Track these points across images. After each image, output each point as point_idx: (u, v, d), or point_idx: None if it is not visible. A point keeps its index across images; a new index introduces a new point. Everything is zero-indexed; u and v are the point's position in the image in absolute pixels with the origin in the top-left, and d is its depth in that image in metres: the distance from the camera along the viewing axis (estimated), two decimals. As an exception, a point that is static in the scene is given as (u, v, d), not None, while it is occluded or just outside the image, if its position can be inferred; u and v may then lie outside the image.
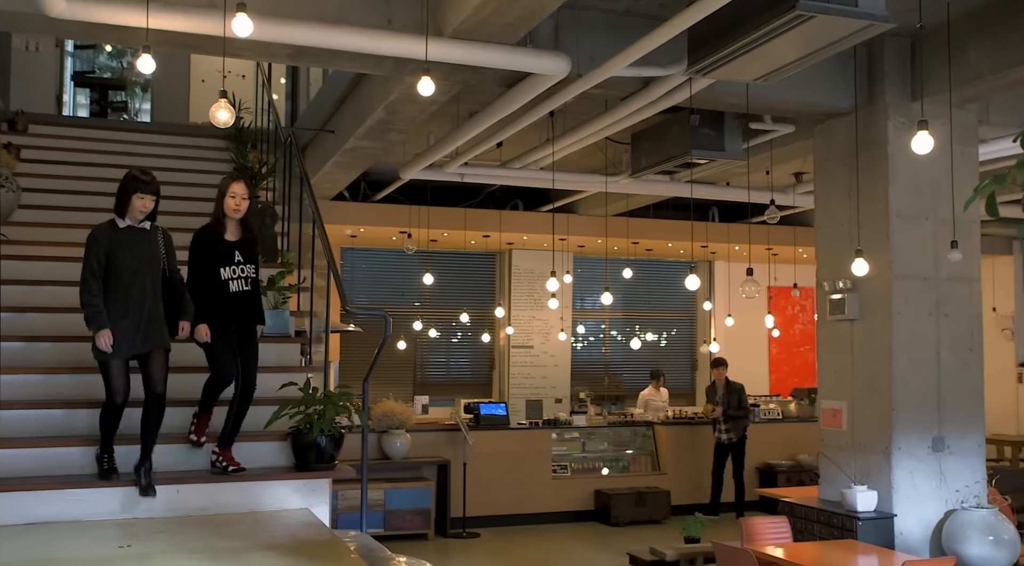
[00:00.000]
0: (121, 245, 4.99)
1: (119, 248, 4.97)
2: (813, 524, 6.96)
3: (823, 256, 7.53)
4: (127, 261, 4.98)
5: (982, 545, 6.39)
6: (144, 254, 5.05)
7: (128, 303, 4.94)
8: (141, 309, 4.97)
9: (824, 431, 7.44)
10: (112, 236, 5.00)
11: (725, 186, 10.78)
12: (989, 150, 7.77)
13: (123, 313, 4.92)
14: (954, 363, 6.97)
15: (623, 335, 14.78)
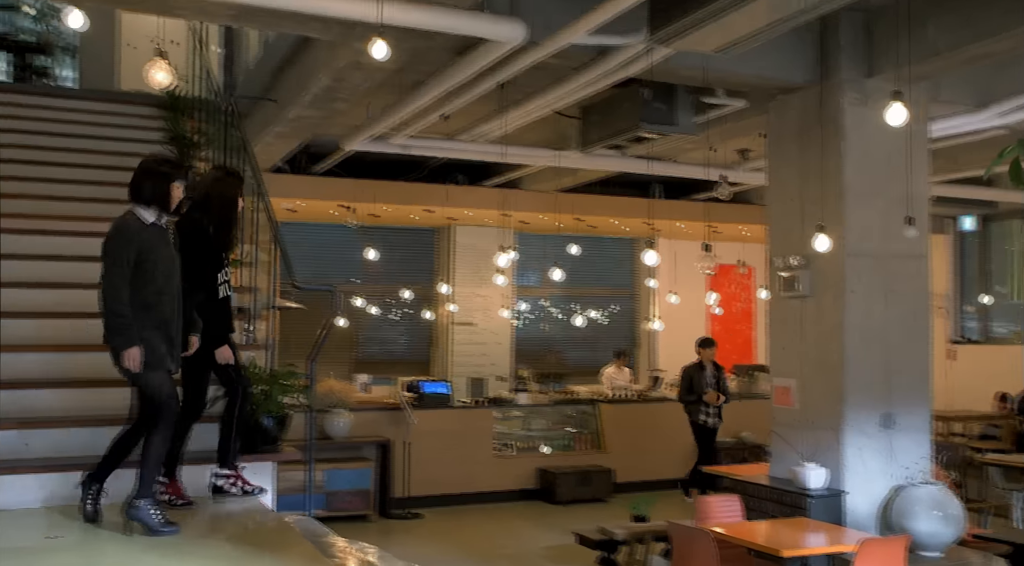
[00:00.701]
0: (151, 245, 4.33)
1: (149, 248, 4.31)
2: (764, 502, 6.93)
3: (775, 233, 7.48)
4: (159, 263, 4.34)
5: (930, 521, 6.42)
6: (168, 255, 4.43)
7: (160, 314, 4.32)
8: (172, 321, 4.38)
9: (775, 409, 7.41)
10: (141, 234, 4.32)
11: (673, 162, 10.67)
12: (939, 128, 7.79)
13: (155, 325, 4.30)
14: (903, 340, 6.98)
15: (565, 313, 14.68)
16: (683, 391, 10.90)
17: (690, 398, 10.77)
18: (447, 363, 13.28)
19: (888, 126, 6.90)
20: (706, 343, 11.23)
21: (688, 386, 10.80)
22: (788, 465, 7.04)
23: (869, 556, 5.20)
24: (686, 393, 10.83)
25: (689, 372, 10.89)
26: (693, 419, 10.81)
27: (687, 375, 10.90)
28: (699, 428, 10.79)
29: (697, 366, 10.88)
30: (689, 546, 5.59)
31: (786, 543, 5.68)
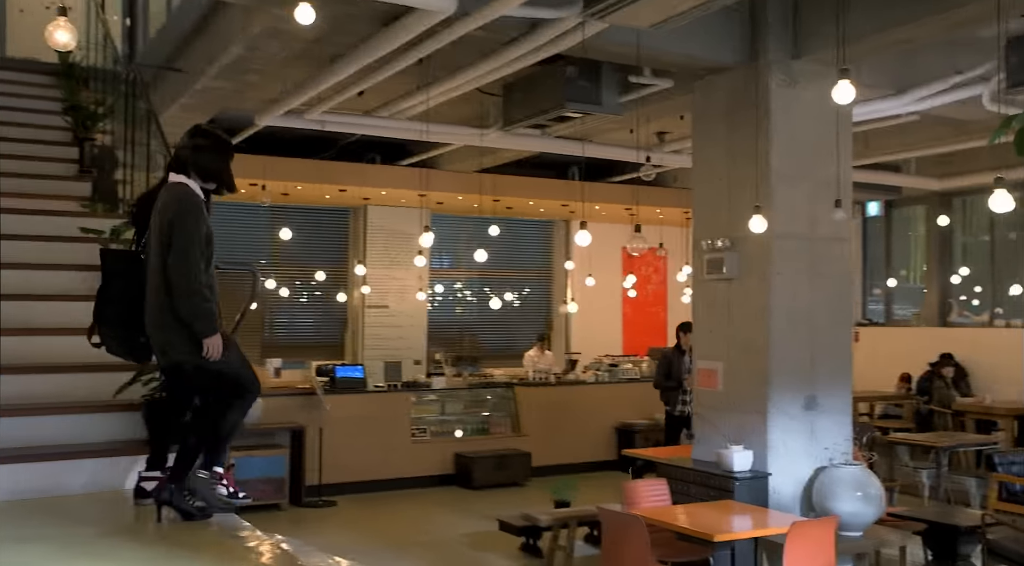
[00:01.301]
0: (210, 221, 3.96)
1: (209, 224, 3.93)
2: (690, 485, 6.89)
3: (700, 215, 7.42)
4: (215, 243, 3.97)
5: (852, 501, 6.46)
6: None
7: (216, 295, 3.96)
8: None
9: (699, 391, 7.38)
10: (205, 208, 3.96)
11: (601, 144, 10.54)
12: (859, 112, 7.84)
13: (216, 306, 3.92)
14: (826, 322, 7.01)
15: (479, 295, 14.50)
16: (660, 377, 10.17)
17: (669, 384, 10.02)
18: (360, 346, 12.97)
19: (815, 108, 6.94)
20: (688, 327, 10.32)
21: (667, 372, 10.05)
22: (713, 448, 7.02)
23: (800, 538, 5.19)
24: (664, 379, 10.08)
25: (668, 357, 10.18)
26: (669, 407, 10.06)
27: (666, 360, 10.16)
28: (674, 416, 9.99)
29: (676, 350, 10.10)
30: (621, 532, 5.49)
31: (717, 527, 5.63)
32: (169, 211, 3.83)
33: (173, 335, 3.87)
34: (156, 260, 3.88)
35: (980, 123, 9.53)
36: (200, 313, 3.82)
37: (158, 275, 3.86)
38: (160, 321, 3.89)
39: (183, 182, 3.94)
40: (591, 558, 7.69)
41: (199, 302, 3.81)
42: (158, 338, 3.96)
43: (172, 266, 3.79)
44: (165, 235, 3.82)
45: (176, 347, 3.88)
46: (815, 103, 6.93)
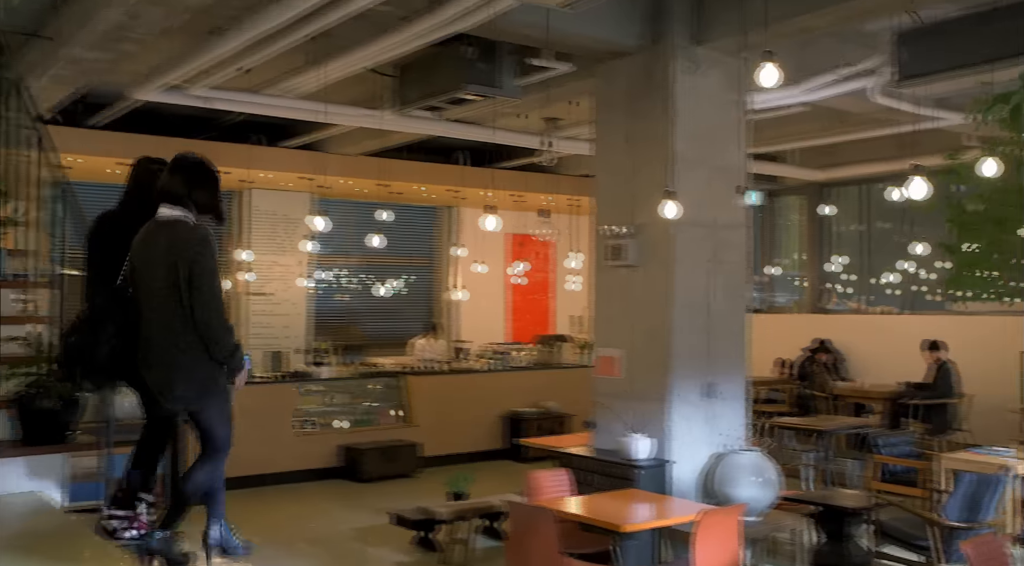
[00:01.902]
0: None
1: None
2: (592, 475, 6.82)
3: (602, 201, 7.34)
4: None
5: (750, 486, 6.53)
6: None
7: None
8: None
9: (599, 379, 7.32)
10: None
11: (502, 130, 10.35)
12: (755, 101, 7.90)
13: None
14: (725, 310, 7.05)
15: (364, 283, 14.14)
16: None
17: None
18: (244, 336, 12.42)
19: (716, 95, 6.95)
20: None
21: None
22: (614, 436, 6.98)
23: (709, 526, 5.16)
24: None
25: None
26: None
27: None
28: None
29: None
30: (528, 524, 5.35)
31: (625, 517, 5.57)
32: (191, 250, 3.82)
33: (180, 375, 3.87)
34: (164, 297, 3.85)
35: (860, 115, 9.82)
36: (234, 350, 3.92)
37: (167, 312, 3.85)
38: (166, 360, 3.86)
39: (187, 218, 3.94)
40: (489, 550, 7.55)
41: (231, 339, 3.91)
42: (159, 377, 3.91)
43: (204, 306, 3.81)
44: (185, 273, 3.80)
45: (180, 388, 3.88)
46: (716, 90, 6.95)
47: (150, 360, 3.90)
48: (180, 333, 3.81)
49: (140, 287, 3.98)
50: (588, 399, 12.36)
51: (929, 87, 7.90)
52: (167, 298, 3.82)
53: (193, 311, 3.80)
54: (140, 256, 3.96)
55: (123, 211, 4.28)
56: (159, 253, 3.87)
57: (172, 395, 3.89)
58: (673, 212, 6.10)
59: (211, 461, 4.00)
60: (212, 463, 4.01)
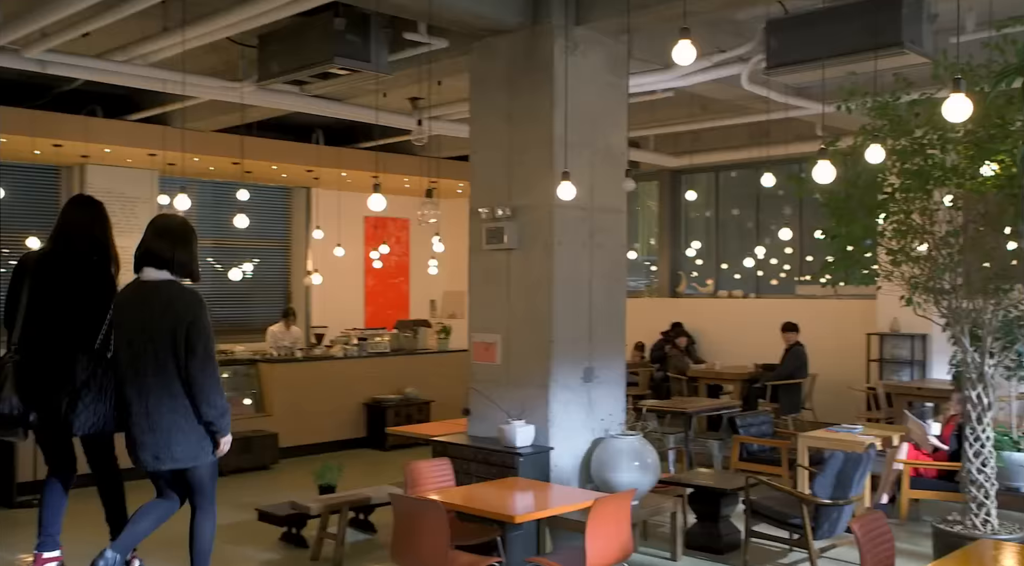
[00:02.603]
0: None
1: None
2: (470, 463, 6.64)
3: (479, 183, 7.14)
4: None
5: (631, 471, 6.51)
6: None
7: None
8: None
9: (475, 365, 7.14)
10: None
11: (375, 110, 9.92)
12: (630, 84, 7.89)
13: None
14: (603, 294, 7.00)
15: (214, 267, 13.43)
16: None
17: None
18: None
19: (595, 76, 6.87)
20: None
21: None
22: (491, 424, 6.83)
23: (602, 513, 5.08)
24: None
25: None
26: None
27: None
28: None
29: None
30: (417, 518, 5.11)
31: (517, 507, 5.42)
32: (190, 313, 4.02)
33: (178, 437, 4.05)
34: (163, 360, 3.98)
35: (723, 102, 10.01)
36: (226, 412, 4.16)
37: (165, 375, 3.98)
38: (166, 423, 4.00)
39: (176, 280, 4.14)
40: (362, 544, 7.26)
41: (223, 401, 4.12)
42: (155, 440, 4.06)
43: (201, 368, 4.01)
44: (183, 335, 3.98)
45: (179, 449, 4.10)
46: (598, 71, 6.87)
47: (149, 423, 3.97)
48: (179, 395, 3.93)
49: (129, 349, 4.05)
50: (449, 385, 12.28)
51: (789, 77, 8.10)
52: (165, 361, 3.92)
53: (190, 372, 3.93)
54: (131, 319, 4.04)
55: (53, 250, 4.47)
56: (155, 316, 3.96)
57: (171, 456, 4.05)
58: (569, 194, 5.96)
59: (211, 515, 4.50)
60: (212, 516, 4.52)
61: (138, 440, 4.10)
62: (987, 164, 5.65)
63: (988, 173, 5.66)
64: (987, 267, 5.72)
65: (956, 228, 5.84)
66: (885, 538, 4.63)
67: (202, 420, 4.06)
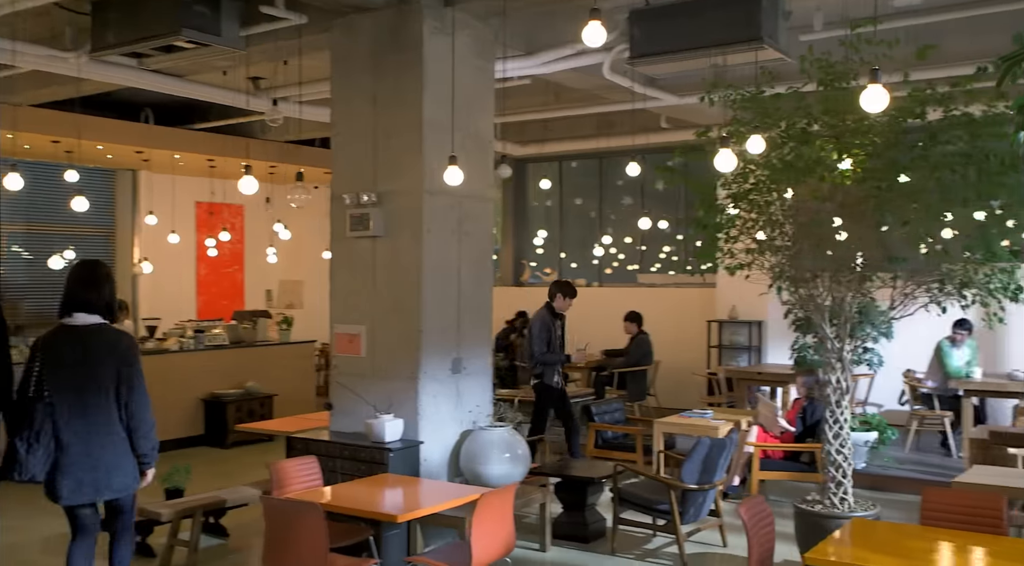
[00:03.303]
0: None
1: None
2: (336, 460, 6.34)
3: (342, 167, 6.82)
4: None
5: (502, 463, 6.40)
6: None
7: None
8: None
9: (338, 358, 6.83)
10: None
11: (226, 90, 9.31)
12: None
13: None
14: (471, 282, 6.85)
15: (33, 254, 12.36)
16: (542, 346, 8.64)
17: (552, 357, 8.71)
18: None
19: (464, 59, 6.69)
20: (568, 289, 8.90)
21: (548, 340, 8.66)
22: (356, 419, 6.57)
23: (487, 508, 4.94)
24: (546, 348, 8.63)
25: (548, 323, 8.72)
26: (545, 380, 8.76)
27: (545, 326, 8.67)
28: (552, 393, 8.83)
29: (551, 314, 8.80)
30: (292, 521, 4.80)
31: (399, 506, 5.21)
32: (129, 354, 4.38)
33: (120, 471, 4.39)
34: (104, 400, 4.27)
35: (579, 91, 10.06)
36: (156, 446, 4.55)
37: (106, 414, 4.29)
38: (108, 458, 4.29)
39: (105, 323, 4.38)
40: (214, 550, 6.83)
41: (155, 435, 4.52)
42: (95, 476, 4.30)
43: (139, 404, 4.42)
44: (126, 375, 4.33)
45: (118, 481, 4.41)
46: (465, 54, 6.69)
47: (92, 461, 4.22)
48: (118, 432, 4.23)
49: (66, 392, 4.26)
50: (293, 378, 11.82)
51: (650, 68, 8.20)
52: (106, 400, 4.21)
53: (131, 409, 4.29)
54: (68, 363, 4.26)
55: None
56: (94, 358, 4.22)
57: (110, 489, 4.32)
58: (458, 178, 5.75)
59: (129, 541, 4.78)
60: (130, 541, 4.80)
61: (77, 478, 4.35)
62: (844, 157, 5.85)
63: (845, 166, 5.88)
64: (847, 255, 5.92)
65: (816, 219, 6.01)
66: (768, 521, 4.72)
67: (136, 452, 4.37)
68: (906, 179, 5.63)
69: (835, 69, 5.80)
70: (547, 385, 8.74)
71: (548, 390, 8.76)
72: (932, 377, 9.69)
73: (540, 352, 8.64)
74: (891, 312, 5.87)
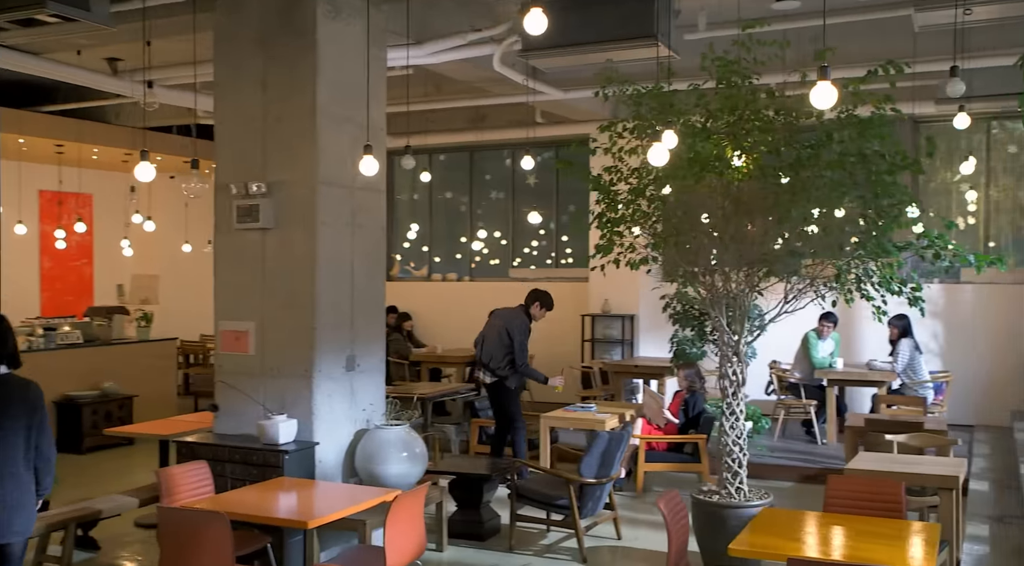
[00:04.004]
0: None
1: None
2: (226, 465, 6.00)
3: (227, 155, 6.45)
4: None
5: (400, 462, 6.21)
6: None
7: None
8: None
9: (222, 357, 6.46)
10: None
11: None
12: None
13: None
14: (365, 277, 6.62)
15: None
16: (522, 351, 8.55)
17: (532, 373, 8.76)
18: None
19: (356, 46, 6.47)
20: (546, 300, 8.75)
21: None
22: (244, 420, 6.25)
23: (401, 510, 4.77)
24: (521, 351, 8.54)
25: (528, 330, 8.69)
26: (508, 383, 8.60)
27: (527, 334, 8.64)
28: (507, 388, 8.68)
29: (527, 317, 8.69)
30: (195, 532, 4.49)
31: (309, 511, 4.97)
32: (39, 399, 4.37)
33: (24, 512, 4.31)
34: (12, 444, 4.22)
35: (461, 83, 9.93)
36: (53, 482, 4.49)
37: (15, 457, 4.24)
38: (15, 498, 4.25)
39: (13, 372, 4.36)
40: (85, 564, 6.36)
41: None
42: (7, 516, 4.24)
43: (49, 444, 4.38)
44: (36, 422, 4.31)
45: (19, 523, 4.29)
46: (358, 40, 6.46)
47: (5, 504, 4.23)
48: (25, 473, 4.26)
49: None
50: (154, 378, 11.21)
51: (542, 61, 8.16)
52: (15, 444, 4.22)
53: (42, 451, 4.32)
54: None
55: None
56: (11, 405, 4.23)
57: (11, 530, 4.24)
58: (372, 168, 5.52)
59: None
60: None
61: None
62: (739, 154, 5.98)
63: (738, 164, 6.00)
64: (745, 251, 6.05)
65: (714, 214, 6.12)
66: (683, 514, 4.76)
67: (40, 487, 4.37)
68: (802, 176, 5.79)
69: (735, 67, 5.90)
70: (506, 388, 8.61)
71: (506, 392, 8.62)
72: (799, 368, 10.11)
73: (522, 363, 8.55)
74: (785, 306, 6.04)
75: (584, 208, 12.78)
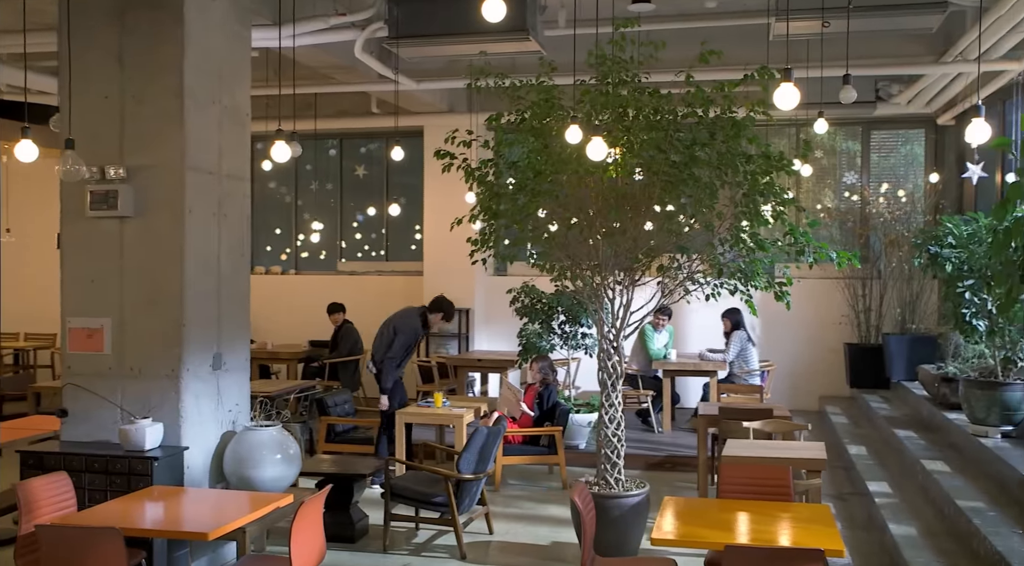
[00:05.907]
0: None
1: None
2: (84, 475, 5.48)
3: (80, 135, 5.83)
4: None
5: (274, 465, 5.90)
6: None
7: None
8: None
9: (71, 356, 5.89)
10: None
11: None
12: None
13: None
14: (230, 270, 6.24)
15: None
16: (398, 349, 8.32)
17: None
18: None
19: (226, 26, 6.12)
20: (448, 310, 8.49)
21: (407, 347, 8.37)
22: (99, 424, 5.75)
23: (306, 516, 4.54)
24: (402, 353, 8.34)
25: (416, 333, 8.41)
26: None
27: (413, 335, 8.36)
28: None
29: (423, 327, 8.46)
30: (83, 551, 4.06)
31: (204, 523, 4.61)
32: None
33: None
34: None
35: (306, 69, 9.55)
36: None
37: None
38: None
39: None
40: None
41: None
42: None
43: None
44: None
45: None
46: (225, 18, 6.09)
47: None
48: None
49: None
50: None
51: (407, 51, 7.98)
52: None
53: None
54: None
55: None
56: None
57: None
58: (285, 154, 5.16)
59: None
60: None
61: None
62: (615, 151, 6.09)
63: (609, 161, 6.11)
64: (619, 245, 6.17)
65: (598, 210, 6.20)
66: (591, 506, 4.81)
67: None
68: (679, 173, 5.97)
69: (623, 65, 5.99)
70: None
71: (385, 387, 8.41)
72: (636, 360, 10.46)
73: (384, 360, 8.31)
74: (663, 300, 6.22)
75: (416, 201, 12.64)
